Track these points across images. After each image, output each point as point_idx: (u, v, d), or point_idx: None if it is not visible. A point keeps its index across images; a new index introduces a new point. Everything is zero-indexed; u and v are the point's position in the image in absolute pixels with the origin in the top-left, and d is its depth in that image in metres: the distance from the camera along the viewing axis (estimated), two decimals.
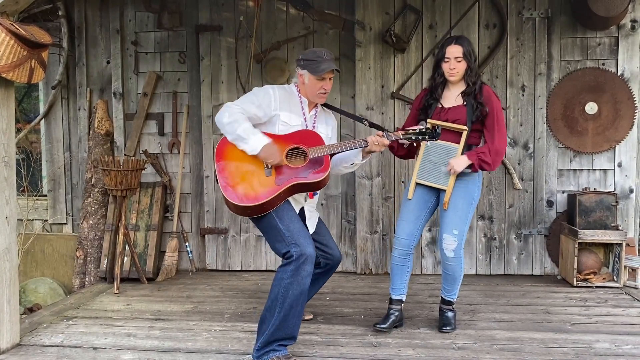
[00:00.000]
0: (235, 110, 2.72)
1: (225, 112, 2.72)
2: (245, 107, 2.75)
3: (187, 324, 3.27)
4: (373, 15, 4.36)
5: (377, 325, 3.07)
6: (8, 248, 2.80)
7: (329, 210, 4.57)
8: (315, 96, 2.88)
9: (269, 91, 2.83)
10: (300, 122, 2.87)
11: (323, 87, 2.85)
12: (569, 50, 4.30)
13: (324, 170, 2.73)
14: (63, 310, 3.57)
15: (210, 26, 4.56)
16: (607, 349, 2.81)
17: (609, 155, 4.29)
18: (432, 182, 3.03)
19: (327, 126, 3.00)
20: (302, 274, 2.61)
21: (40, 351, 2.85)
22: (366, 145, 2.82)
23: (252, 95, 2.83)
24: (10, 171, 2.82)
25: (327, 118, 3.05)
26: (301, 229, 2.71)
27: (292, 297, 2.59)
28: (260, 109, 2.78)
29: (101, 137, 4.63)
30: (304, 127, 2.87)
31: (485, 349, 2.82)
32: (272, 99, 2.81)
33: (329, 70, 2.81)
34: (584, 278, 4.03)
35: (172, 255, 4.48)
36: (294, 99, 2.90)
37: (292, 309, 2.61)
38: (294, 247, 2.63)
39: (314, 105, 2.96)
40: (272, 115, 2.81)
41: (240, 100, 2.81)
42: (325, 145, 2.78)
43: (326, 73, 2.82)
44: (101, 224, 4.56)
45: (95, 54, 4.76)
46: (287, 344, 2.67)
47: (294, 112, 2.86)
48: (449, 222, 2.98)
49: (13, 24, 2.63)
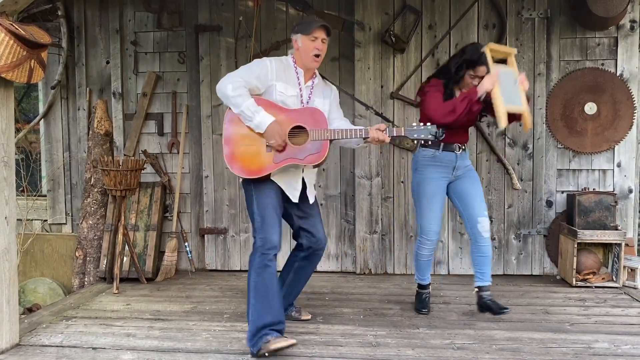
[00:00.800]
0: (239, 82, 2.82)
1: (229, 84, 2.81)
2: (246, 79, 2.84)
3: (187, 324, 3.27)
4: (372, 16, 4.37)
5: (421, 310, 3.41)
6: (7, 248, 2.80)
7: (329, 210, 4.57)
8: (309, 60, 2.93)
9: (266, 63, 2.92)
10: (295, 92, 2.94)
11: (316, 48, 2.90)
12: (568, 50, 4.31)
13: (321, 155, 2.83)
14: (62, 311, 3.57)
15: (210, 26, 4.56)
16: (606, 349, 2.82)
17: (608, 155, 4.29)
18: (515, 105, 3.04)
19: (324, 99, 3.04)
20: (267, 258, 2.77)
21: (40, 351, 2.85)
22: (367, 136, 2.86)
23: (251, 66, 2.92)
24: (9, 171, 2.82)
25: (325, 90, 3.08)
26: (272, 217, 2.84)
27: (263, 282, 2.73)
28: (259, 80, 2.88)
29: (100, 137, 4.63)
30: (299, 97, 2.95)
31: (485, 349, 2.82)
32: (269, 70, 2.90)
33: (320, 26, 2.89)
34: (583, 278, 4.04)
35: (171, 255, 4.48)
36: (289, 70, 2.98)
37: (267, 293, 2.73)
38: (260, 234, 2.82)
39: (310, 76, 3.02)
40: (269, 86, 2.90)
41: (240, 71, 2.89)
42: (327, 130, 2.82)
43: (318, 32, 2.89)
44: (100, 224, 4.56)
45: (94, 54, 4.76)
46: (278, 329, 2.71)
47: (289, 83, 2.94)
48: (480, 204, 3.20)
49: (12, 24, 2.63)
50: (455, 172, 3.25)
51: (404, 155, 4.42)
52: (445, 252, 4.44)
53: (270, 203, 2.87)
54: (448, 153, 3.21)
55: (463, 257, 4.42)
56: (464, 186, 3.25)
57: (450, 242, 4.43)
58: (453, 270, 4.44)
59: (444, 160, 3.21)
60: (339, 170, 4.56)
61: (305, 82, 2.99)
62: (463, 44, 4.34)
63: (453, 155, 3.22)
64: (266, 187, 2.89)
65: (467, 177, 3.27)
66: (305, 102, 2.96)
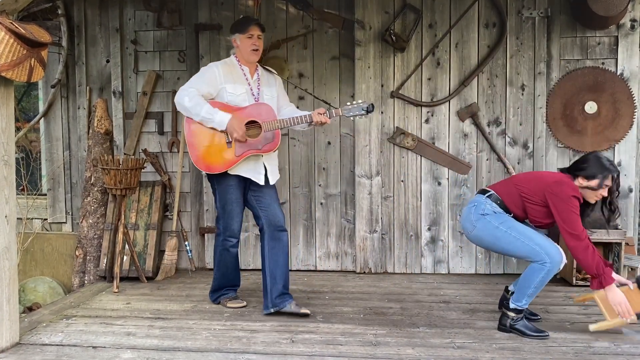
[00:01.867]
0: (193, 92, 3.21)
1: (185, 97, 3.21)
2: (199, 87, 3.24)
3: (187, 322, 3.27)
4: (373, 15, 4.36)
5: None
6: (7, 247, 2.80)
7: (328, 209, 4.57)
8: (249, 55, 3.33)
9: (213, 69, 3.31)
10: (245, 89, 3.33)
11: (253, 44, 3.31)
12: (569, 49, 4.30)
13: (275, 143, 3.30)
14: (62, 309, 3.57)
15: (210, 25, 4.56)
16: (607, 347, 2.82)
17: (608, 154, 4.29)
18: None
19: (270, 87, 3.44)
20: (228, 244, 3.46)
21: (40, 350, 2.85)
22: (311, 121, 3.26)
23: (201, 75, 3.31)
24: (9, 170, 2.82)
25: (270, 79, 3.47)
26: (233, 209, 3.37)
27: (223, 260, 3.49)
28: (210, 86, 3.27)
29: (101, 136, 4.63)
30: (250, 93, 3.34)
31: (485, 348, 2.82)
32: (217, 75, 3.29)
33: (254, 24, 3.31)
34: (583, 277, 4.03)
35: (171, 254, 4.48)
36: (235, 69, 3.36)
37: (227, 268, 3.53)
38: (222, 221, 3.42)
39: (254, 69, 3.41)
40: (220, 89, 3.30)
41: (192, 81, 3.28)
42: (277, 120, 3.26)
43: (253, 30, 3.30)
44: (100, 223, 4.56)
45: (94, 53, 4.76)
46: (234, 289, 3.61)
47: (237, 82, 3.32)
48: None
49: (13, 22, 2.62)
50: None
51: (404, 154, 4.42)
52: (445, 251, 4.44)
53: (231, 197, 3.36)
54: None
55: (463, 256, 4.43)
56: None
57: (450, 241, 4.43)
58: (453, 269, 4.44)
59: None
60: (339, 169, 4.56)
61: (251, 76, 3.38)
62: (463, 42, 4.36)
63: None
64: (227, 182, 3.34)
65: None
66: (256, 94, 3.35)
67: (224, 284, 3.58)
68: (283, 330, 3.12)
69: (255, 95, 3.33)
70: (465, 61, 4.36)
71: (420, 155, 4.42)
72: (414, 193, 4.44)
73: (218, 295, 3.61)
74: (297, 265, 4.61)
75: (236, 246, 3.49)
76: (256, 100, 3.33)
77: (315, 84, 4.51)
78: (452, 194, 4.42)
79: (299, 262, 4.62)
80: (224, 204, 3.37)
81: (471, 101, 4.37)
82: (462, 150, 4.40)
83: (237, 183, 3.34)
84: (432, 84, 4.40)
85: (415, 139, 4.39)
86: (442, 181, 4.42)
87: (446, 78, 4.39)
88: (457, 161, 4.40)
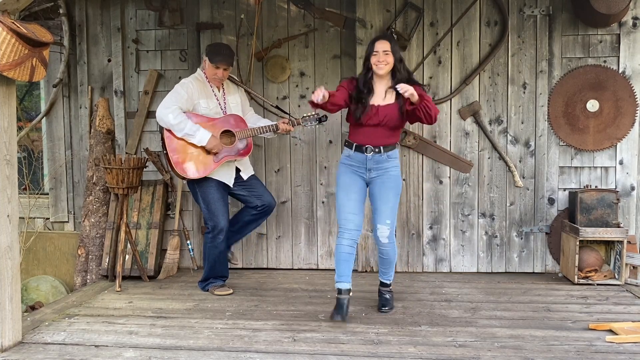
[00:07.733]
0: (176, 110, 3.55)
1: (169, 114, 3.53)
2: (180, 105, 3.58)
3: (189, 321, 3.28)
4: (374, 13, 4.36)
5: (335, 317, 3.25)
6: (10, 246, 2.81)
7: (330, 208, 4.57)
8: (212, 80, 3.74)
9: (189, 86, 3.65)
10: (215, 103, 3.74)
11: (217, 74, 3.69)
12: (571, 47, 4.30)
13: (248, 149, 3.81)
14: (65, 308, 3.58)
15: (211, 24, 4.56)
16: (608, 346, 2.82)
17: (611, 152, 4.28)
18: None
19: (234, 95, 3.87)
20: (217, 241, 3.75)
21: (42, 349, 2.86)
22: (277, 129, 3.73)
23: (179, 92, 3.62)
24: (11, 169, 2.83)
25: (231, 86, 3.91)
26: (217, 207, 3.70)
27: (213, 255, 3.80)
28: (188, 102, 3.63)
29: (102, 135, 4.64)
30: (221, 106, 3.76)
31: (487, 347, 2.83)
32: (193, 91, 3.65)
33: (223, 61, 3.65)
34: (585, 276, 4.03)
35: (173, 253, 4.49)
36: (205, 85, 3.74)
37: (215, 262, 3.83)
38: (210, 221, 3.73)
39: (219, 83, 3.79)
40: (195, 104, 3.66)
41: (173, 99, 3.58)
42: (248, 129, 3.74)
43: (220, 64, 3.66)
44: (103, 222, 4.56)
45: (96, 52, 4.77)
46: (222, 278, 3.92)
47: (209, 97, 3.72)
48: (383, 211, 3.31)
49: (14, 22, 2.63)
50: (369, 174, 3.32)
51: (406, 152, 4.41)
52: (447, 250, 4.44)
53: (213, 196, 3.71)
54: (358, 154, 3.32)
55: (465, 254, 4.43)
56: (373, 189, 3.35)
57: (452, 239, 4.43)
58: (455, 267, 4.44)
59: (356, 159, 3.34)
60: None
61: (218, 90, 3.79)
62: (465, 41, 4.35)
63: (363, 157, 3.29)
64: (207, 184, 3.70)
65: (379, 181, 3.33)
66: (223, 106, 3.77)
67: (212, 275, 3.90)
68: (285, 329, 3.12)
69: (222, 108, 3.77)
70: (466, 59, 4.36)
71: (422, 154, 4.42)
72: (415, 191, 4.44)
73: (206, 283, 3.91)
74: (298, 263, 4.62)
75: (224, 240, 3.79)
76: (224, 111, 3.76)
77: (317, 82, 4.51)
78: (454, 193, 4.42)
79: (300, 260, 4.62)
80: (207, 204, 3.72)
81: (473, 99, 4.36)
82: (464, 148, 4.40)
83: (217, 183, 3.73)
84: (434, 83, 4.39)
85: (417, 137, 4.39)
86: (443, 180, 4.42)
87: (448, 76, 4.39)
88: (458, 160, 4.39)
